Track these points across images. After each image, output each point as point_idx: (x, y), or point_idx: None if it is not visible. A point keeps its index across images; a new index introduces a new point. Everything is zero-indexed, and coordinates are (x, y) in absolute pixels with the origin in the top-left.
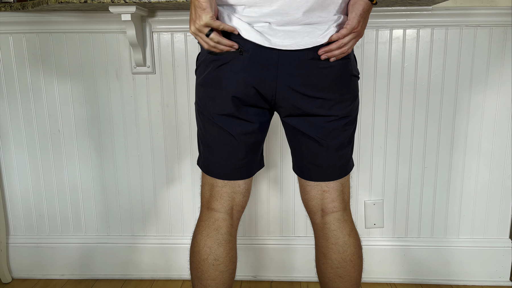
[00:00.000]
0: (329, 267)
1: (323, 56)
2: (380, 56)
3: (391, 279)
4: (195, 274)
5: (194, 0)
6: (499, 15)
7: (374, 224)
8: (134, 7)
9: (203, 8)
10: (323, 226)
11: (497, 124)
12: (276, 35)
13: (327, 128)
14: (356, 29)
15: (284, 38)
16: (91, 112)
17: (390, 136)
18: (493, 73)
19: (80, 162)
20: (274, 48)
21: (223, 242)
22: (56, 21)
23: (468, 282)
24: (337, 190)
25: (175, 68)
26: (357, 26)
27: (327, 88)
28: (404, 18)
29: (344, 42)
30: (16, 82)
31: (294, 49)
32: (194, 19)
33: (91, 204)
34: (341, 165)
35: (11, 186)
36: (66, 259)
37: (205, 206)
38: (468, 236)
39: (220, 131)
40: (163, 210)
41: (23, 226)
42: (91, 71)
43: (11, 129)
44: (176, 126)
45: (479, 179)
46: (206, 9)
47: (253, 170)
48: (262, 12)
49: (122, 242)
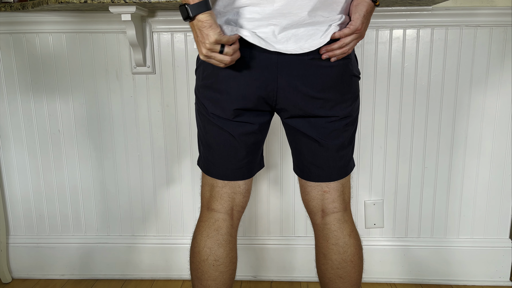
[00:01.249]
0: (329, 267)
1: (324, 55)
2: (380, 56)
3: (391, 279)
4: (195, 274)
5: (195, 22)
6: (499, 15)
7: (374, 224)
8: (134, 7)
9: (209, 26)
10: (323, 227)
11: (497, 124)
12: (279, 41)
13: (328, 129)
14: (359, 30)
15: (288, 42)
16: (91, 112)
17: (390, 136)
18: (493, 73)
19: (80, 162)
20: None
21: (223, 242)
22: (56, 21)
23: (468, 282)
24: (338, 190)
25: (175, 68)
26: (360, 27)
27: (328, 88)
28: (404, 18)
29: (346, 42)
30: (16, 82)
31: (298, 53)
32: (202, 41)
33: (91, 204)
34: (341, 166)
35: (11, 186)
36: (66, 259)
37: (205, 207)
38: (468, 236)
39: (220, 132)
40: (163, 210)
41: (23, 226)
42: (91, 71)
43: (11, 129)
44: (176, 126)
45: (479, 179)
46: (212, 25)
47: (254, 170)
48: (265, 13)
49: (122, 242)
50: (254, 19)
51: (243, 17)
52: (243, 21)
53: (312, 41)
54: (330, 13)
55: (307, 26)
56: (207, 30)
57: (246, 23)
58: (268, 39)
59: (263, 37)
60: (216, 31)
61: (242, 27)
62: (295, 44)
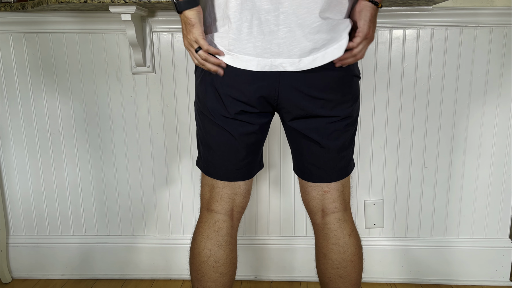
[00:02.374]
0: (329, 267)
1: (338, 64)
2: (380, 56)
3: (391, 279)
4: (195, 276)
5: (183, 17)
6: (499, 15)
7: (374, 224)
8: (134, 7)
9: (192, 24)
10: (323, 227)
11: (497, 124)
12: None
13: (329, 129)
14: (368, 35)
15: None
16: (91, 112)
17: (390, 136)
18: (493, 73)
19: (80, 162)
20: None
21: (224, 244)
22: (56, 21)
23: (468, 282)
24: (338, 190)
25: (175, 68)
26: (369, 32)
27: (330, 88)
28: (404, 18)
29: (359, 50)
30: (16, 82)
31: (313, 67)
32: (185, 34)
33: (91, 204)
34: (342, 166)
35: (11, 186)
36: (66, 259)
37: (205, 208)
38: (468, 236)
39: (221, 131)
40: (163, 210)
41: (23, 226)
42: (91, 71)
43: (11, 129)
44: (176, 126)
45: (479, 179)
46: (195, 25)
47: (254, 171)
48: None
49: (122, 242)
50: (260, 47)
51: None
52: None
53: (322, 58)
54: (336, 15)
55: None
56: (191, 27)
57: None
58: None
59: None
60: (198, 31)
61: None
62: (309, 56)
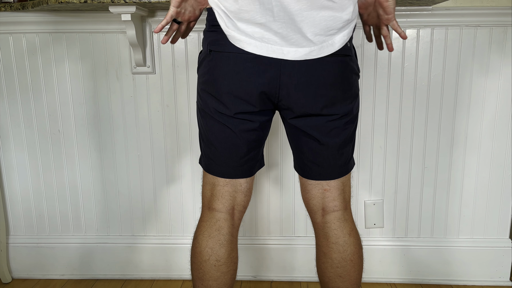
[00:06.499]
0: (329, 266)
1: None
2: (380, 56)
3: (391, 279)
4: (197, 275)
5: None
6: (499, 15)
7: (374, 224)
8: (134, 7)
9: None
10: (323, 225)
11: (497, 124)
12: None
13: (328, 127)
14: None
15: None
16: (91, 112)
17: (390, 136)
18: (493, 73)
19: (80, 162)
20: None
21: (225, 242)
22: (56, 21)
23: (468, 282)
24: (338, 189)
25: (175, 68)
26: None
27: (330, 85)
28: (404, 18)
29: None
30: (16, 82)
31: (315, 57)
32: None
33: (91, 204)
34: (342, 164)
35: (11, 186)
36: (66, 259)
37: (206, 206)
38: (468, 236)
39: (222, 128)
40: (163, 210)
41: (23, 226)
42: (91, 71)
43: (11, 129)
44: (176, 126)
45: (479, 179)
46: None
47: (255, 168)
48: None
49: (122, 242)
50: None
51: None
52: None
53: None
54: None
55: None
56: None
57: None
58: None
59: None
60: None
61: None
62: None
